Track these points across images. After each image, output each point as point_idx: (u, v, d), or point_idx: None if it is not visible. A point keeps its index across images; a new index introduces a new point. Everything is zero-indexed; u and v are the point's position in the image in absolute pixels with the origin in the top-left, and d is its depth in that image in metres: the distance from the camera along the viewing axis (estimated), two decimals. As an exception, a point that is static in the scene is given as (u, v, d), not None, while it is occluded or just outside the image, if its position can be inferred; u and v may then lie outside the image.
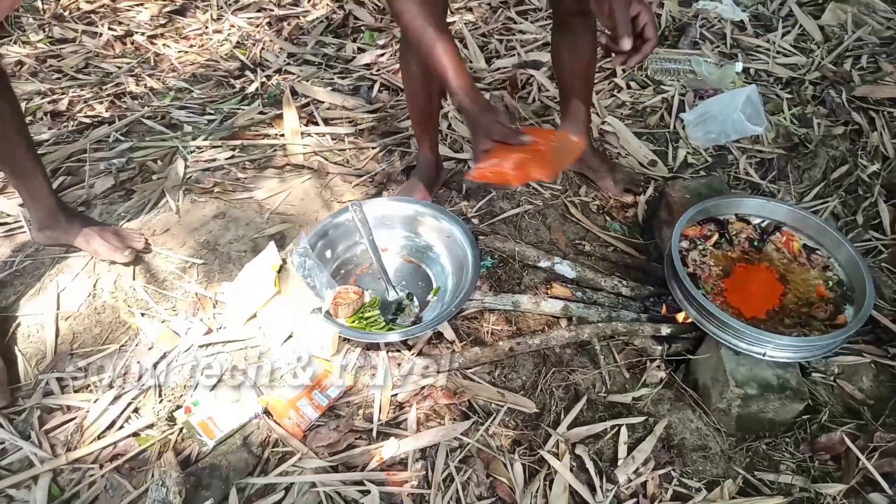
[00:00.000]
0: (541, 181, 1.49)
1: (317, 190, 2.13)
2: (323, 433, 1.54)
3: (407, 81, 1.90)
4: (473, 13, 3.20)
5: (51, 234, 1.83)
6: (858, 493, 1.51)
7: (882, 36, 2.85)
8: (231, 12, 3.30)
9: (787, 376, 1.60)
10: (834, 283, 1.76)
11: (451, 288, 1.82)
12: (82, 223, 1.85)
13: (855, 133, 2.37)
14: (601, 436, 1.61)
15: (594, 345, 1.75)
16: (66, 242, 1.84)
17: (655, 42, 1.39)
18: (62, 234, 1.83)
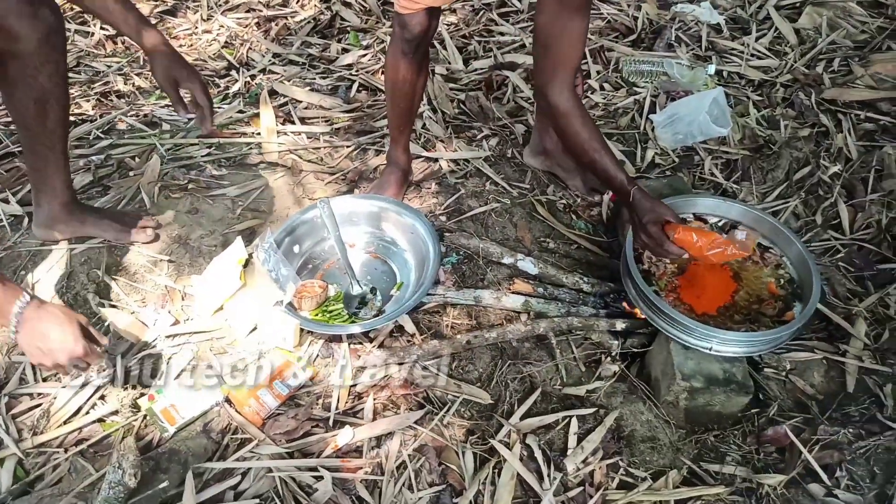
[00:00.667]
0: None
1: (289, 187, 2.18)
2: (281, 421, 1.59)
3: (392, 84, 1.91)
4: (457, 14, 3.25)
5: (64, 227, 1.88)
6: (799, 483, 1.56)
7: (856, 40, 2.89)
8: (221, 13, 3.36)
9: (734, 370, 1.65)
10: (785, 280, 1.80)
11: (413, 282, 1.87)
12: (94, 213, 1.93)
13: (821, 135, 2.42)
14: (553, 426, 1.66)
15: (550, 339, 1.80)
16: (82, 234, 1.91)
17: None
18: (78, 226, 1.89)
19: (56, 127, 1.69)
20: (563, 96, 1.61)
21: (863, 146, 2.36)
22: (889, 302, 1.89)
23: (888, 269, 1.99)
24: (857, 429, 1.64)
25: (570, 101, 1.62)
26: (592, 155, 1.65)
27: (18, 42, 1.49)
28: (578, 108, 1.64)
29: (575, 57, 1.61)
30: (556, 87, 1.61)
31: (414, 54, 1.80)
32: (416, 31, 1.74)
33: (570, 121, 1.63)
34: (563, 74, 1.60)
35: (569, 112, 1.62)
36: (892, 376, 1.73)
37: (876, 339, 1.81)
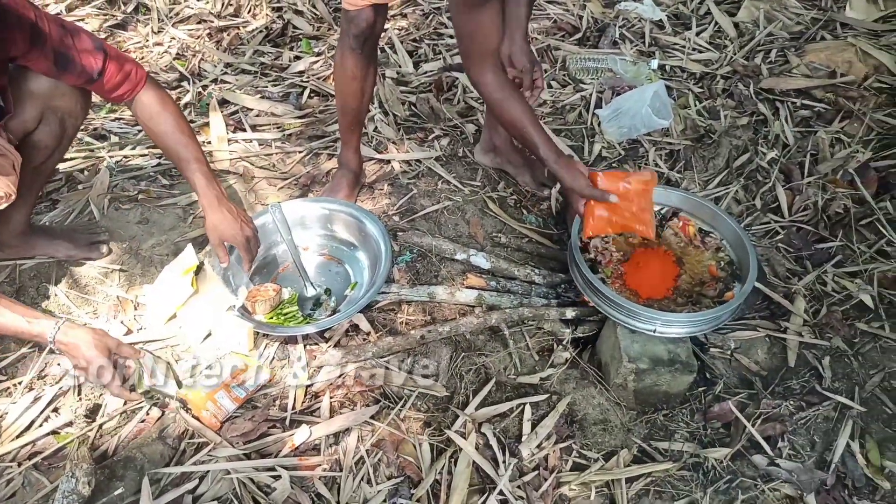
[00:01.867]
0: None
1: (241, 194, 2.20)
2: (238, 423, 1.61)
3: (341, 83, 1.95)
4: (407, 19, 3.30)
5: (13, 251, 1.88)
6: (744, 455, 1.62)
7: (791, 31, 3.00)
8: (172, 25, 3.35)
9: (678, 350, 1.71)
10: (725, 263, 1.87)
11: (366, 281, 1.90)
12: (45, 235, 1.93)
13: (759, 123, 2.51)
14: (507, 415, 1.70)
15: (503, 330, 1.85)
16: (31, 255, 1.91)
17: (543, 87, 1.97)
18: (28, 249, 1.90)
19: (44, 173, 1.77)
20: (486, 77, 1.69)
21: (799, 132, 2.45)
22: (826, 279, 1.98)
23: (825, 249, 2.08)
24: (798, 401, 1.71)
25: (495, 81, 1.69)
26: (521, 130, 1.72)
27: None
28: (504, 86, 1.70)
29: (492, 43, 1.68)
30: (478, 69, 1.69)
31: (362, 50, 1.84)
32: (363, 27, 1.78)
33: (496, 99, 1.71)
34: (483, 58, 1.68)
35: (494, 91, 1.70)
36: (829, 349, 1.81)
37: (814, 315, 1.89)
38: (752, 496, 1.52)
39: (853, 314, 1.89)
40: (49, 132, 1.66)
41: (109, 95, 1.62)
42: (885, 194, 2.19)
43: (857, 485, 1.54)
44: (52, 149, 1.71)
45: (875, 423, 1.65)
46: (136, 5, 3.44)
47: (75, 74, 1.54)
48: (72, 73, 1.54)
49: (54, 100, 1.61)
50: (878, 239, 2.05)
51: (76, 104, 1.66)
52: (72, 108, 1.66)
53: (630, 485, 1.56)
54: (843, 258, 2.04)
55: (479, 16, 1.62)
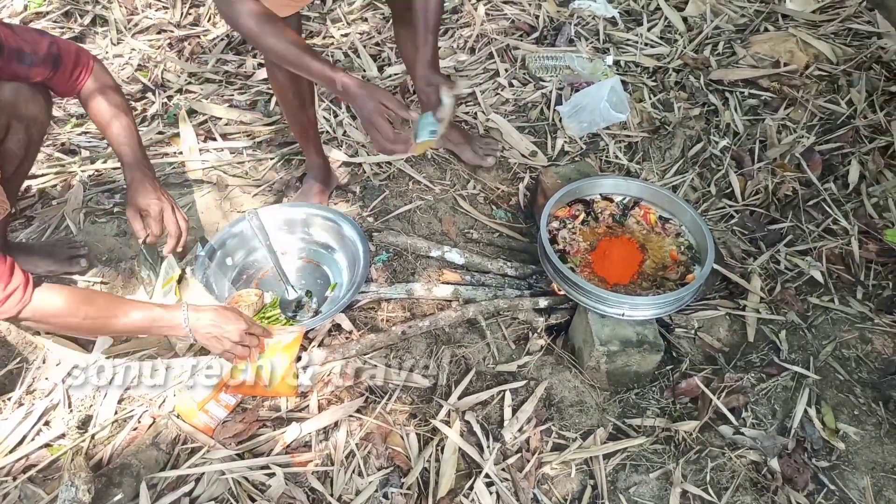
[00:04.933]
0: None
1: (216, 202, 2.23)
2: (230, 425, 1.65)
3: (278, 92, 1.99)
4: (368, 23, 3.35)
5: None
6: (711, 427, 1.73)
7: (737, 23, 3.14)
8: (131, 35, 3.34)
9: (646, 332, 1.81)
10: (685, 247, 1.98)
11: (346, 282, 1.96)
12: (23, 251, 1.93)
13: (710, 113, 2.64)
14: (488, 402, 1.78)
15: (480, 322, 1.93)
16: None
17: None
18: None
19: (15, 183, 1.77)
20: (241, 20, 1.57)
21: (748, 120, 2.59)
22: (779, 258, 2.11)
23: (777, 230, 2.21)
24: (759, 373, 1.83)
25: (251, 22, 1.57)
26: (294, 60, 1.60)
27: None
28: (263, 24, 1.58)
29: None
30: (235, 13, 1.57)
31: None
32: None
33: (259, 40, 1.60)
34: (237, 3, 1.56)
35: (252, 31, 1.58)
36: (785, 324, 1.94)
37: (770, 293, 2.02)
38: (720, 464, 1.63)
39: (805, 289, 2.02)
40: (17, 141, 1.68)
41: (71, 78, 1.62)
42: (830, 176, 2.33)
43: (815, 447, 1.67)
44: (20, 158, 1.72)
45: (829, 389, 1.78)
46: (93, 17, 3.41)
47: (40, 64, 1.55)
48: (36, 65, 1.55)
49: (18, 108, 1.63)
50: (824, 218, 2.19)
51: (40, 110, 1.68)
52: (36, 114, 1.67)
53: (607, 461, 1.66)
54: (794, 237, 2.17)
55: None
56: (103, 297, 1.57)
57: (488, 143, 2.46)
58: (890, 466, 1.62)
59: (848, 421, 1.71)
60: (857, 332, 1.89)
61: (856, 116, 2.49)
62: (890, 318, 1.91)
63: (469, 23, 3.18)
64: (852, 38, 2.88)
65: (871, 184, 2.26)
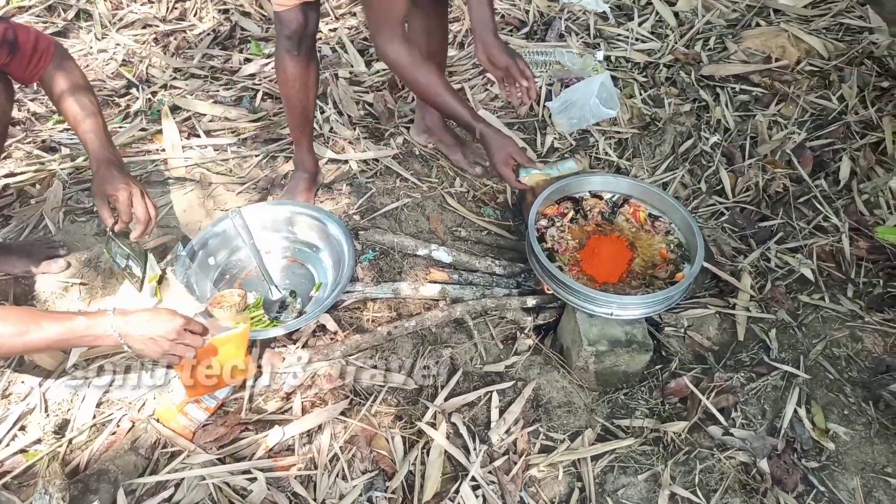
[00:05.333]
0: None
1: (199, 200, 2.19)
2: (210, 429, 1.62)
3: (284, 85, 1.97)
4: (356, 17, 3.31)
5: None
6: (700, 427, 1.71)
7: (728, 18, 3.12)
8: (116, 30, 3.29)
9: (634, 331, 1.78)
10: (675, 245, 1.96)
11: (331, 282, 1.93)
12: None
13: (701, 109, 2.61)
14: (475, 403, 1.76)
15: (467, 321, 1.90)
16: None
17: (534, 84, 1.94)
18: None
19: None
20: (391, 46, 1.69)
21: (738, 116, 2.57)
22: (769, 256, 2.09)
23: (767, 227, 2.19)
24: (748, 372, 1.81)
25: (401, 51, 1.69)
26: (435, 98, 1.75)
27: None
28: (410, 55, 1.71)
29: (398, 10, 1.67)
30: (384, 38, 1.69)
31: (298, 51, 1.85)
32: (294, 27, 1.80)
33: (404, 69, 1.73)
34: (389, 27, 1.67)
35: (400, 61, 1.71)
36: (775, 322, 1.92)
37: (760, 291, 2.00)
38: (709, 465, 1.61)
39: (796, 287, 2.00)
40: None
41: (30, 65, 1.58)
42: (820, 172, 2.32)
43: (804, 448, 1.65)
44: None
45: (819, 388, 1.76)
46: (77, 12, 3.37)
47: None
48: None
49: None
50: (815, 215, 2.17)
51: (1, 95, 1.63)
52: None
53: (595, 462, 1.64)
54: (785, 235, 2.15)
55: None
56: (18, 312, 1.41)
57: (480, 151, 2.41)
58: (880, 467, 1.60)
59: (838, 421, 1.70)
60: (848, 330, 1.87)
61: (847, 112, 2.47)
62: (880, 317, 1.90)
63: (459, 17, 3.14)
64: (844, 33, 2.86)
65: (862, 180, 2.24)
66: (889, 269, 1.99)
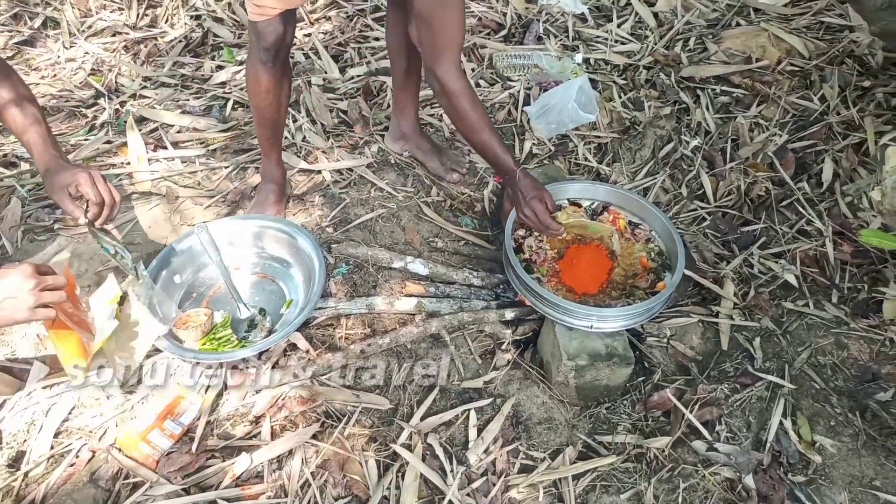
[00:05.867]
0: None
1: (165, 216, 2.12)
2: (174, 458, 1.55)
3: (255, 97, 1.90)
4: (332, 22, 3.24)
5: None
6: (684, 442, 1.66)
7: (708, 18, 3.08)
8: (84, 39, 3.21)
9: (615, 344, 1.73)
10: (655, 253, 1.91)
11: (302, 298, 1.86)
12: None
13: (682, 111, 2.57)
14: (453, 422, 1.70)
15: (444, 336, 1.84)
16: None
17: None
18: None
19: None
20: (451, 76, 1.69)
21: (719, 118, 2.52)
22: (752, 262, 2.04)
23: (750, 231, 2.15)
24: (733, 383, 1.76)
25: (460, 81, 1.71)
26: (481, 135, 1.76)
27: None
28: (467, 87, 1.72)
29: (458, 35, 1.68)
30: (444, 66, 1.69)
31: (273, 63, 1.79)
32: (272, 39, 1.73)
33: (459, 101, 1.72)
34: (450, 54, 1.68)
35: (458, 92, 1.71)
36: (759, 330, 1.87)
37: (743, 298, 1.95)
38: (693, 483, 1.56)
39: (779, 294, 1.96)
40: None
41: None
42: (803, 174, 2.28)
43: (791, 461, 1.60)
44: None
45: (805, 399, 1.72)
46: (43, 20, 3.28)
47: None
48: None
49: None
50: (798, 219, 2.13)
51: None
52: None
53: (577, 482, 1.58)
54: (768, 239, 2.11)
55: (453, 4, 1.62)
56: None
57: (456, 157, 2.37)
58: (868, 480, 1.56)
59: (824, 432, 1.65)
60: (833, 337, 1.83)
61: (829, 113, 2.43)
62: (866, 323, 1.85)
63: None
64: (824, 32, 2.83)
65: (845, 182, 2.21)
66: (874, 274, 1.95)
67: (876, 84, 2.50)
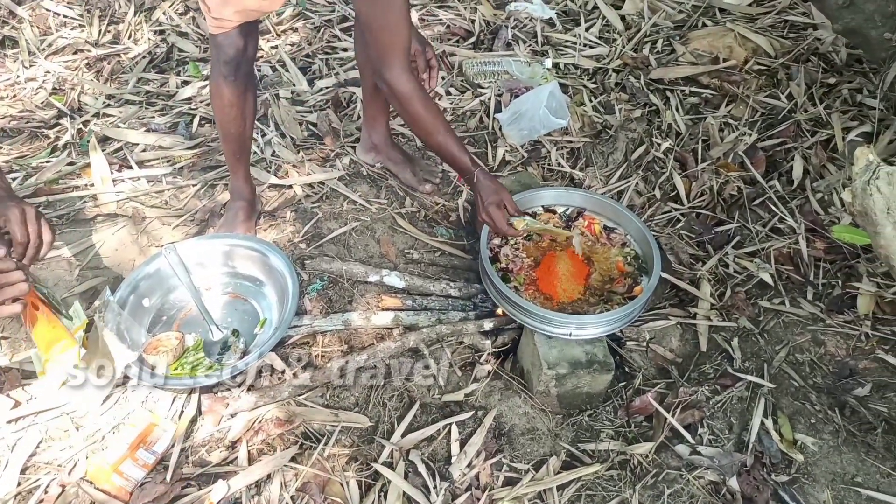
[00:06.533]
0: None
1: (132, 237, 2.06)
2: (148, 488, 1.50)
3: (219, 112, 1.88)
4: (298, 33, 3.21)
5: None
6: (667, 446, 1.65)
7: (675, 20, 3.10)
8: (45, 57, 3.13)
9: (595, 351, 1.72)
10: (631, 257, 1.91)
11: (276, 317, 1.82)
12: None
13: (652, 113, 2.58)
14: (434, 437, 1.67)
15: (423, 350, 1.81)
16: None
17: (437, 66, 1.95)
18: None
19: None
20: (400, 79, 1.64)
21: (690, 119, 2.54)
22: (728, 261, 2.05)
23: (724, 231, 2.15)
24: (713, 385, 1.76)
25: (409, 84, 1.66)
26: (437, 137, 1.72)
27: None
28: (417, 90, 1.67)
29: (402, 38, 1.63)
30: (391, 71, 1.64)
31: (235, 77, 1.76)
32: (232, 53, 1.71)
33: (410, 104, 1.68)
34: (394, 58, 1.63)
35: (408, 95, 1.66)
36: (737, 330, 1.87)
37: (720, 298, 1.95)
38: (678, 489, 1.55)
39: (755, 293, 1.96)
40: None
41: None
42: (774, 173, 2.29)
43: (773, 461, 1.60)
44: None
45: (785, 397, 1.72)
46: (1, 39, 3.20)
47: None
48: None
49: None
50: (771, 217, 2.14)
51: None
52: None
53: (562, 492, 1.56)
54: (742, 238, 2.12)
55: (389, 4, 1.57)
56: None
57: (429, 167, 2.34)
58: (849, 477, 1.56)
59: (805, 430, 1.65)
60: (810, 334, 1.84)
61: (796, 110, 2.46)
62: (841, 318, 1.86)
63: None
64: (789, 31, 2.86)
65: (815, 179, 2.23)
66: (847, 269, 1.97)
67: (841, 81, 2.54)
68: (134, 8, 3.34)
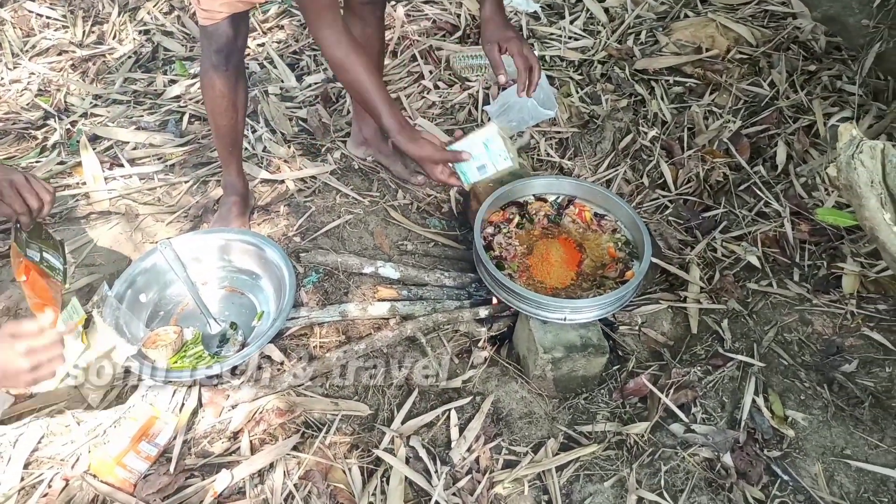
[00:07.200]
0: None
1: (126, 234, 2.07)
2: (152, 480, 1.51)
3: (211, 104, 1.88)
4: (284, 30, 3.21)
5: None
6: (662, 426, 1.68)
7: (657, 11, 3.15)
8: (29, 59, 3.12)
9: (589, 334, 1.75)
10: (622, 243, 1.94)
11: (273, 310, 1.83)
12: None
13: (638, 103, 2.62)
14: (434, 423, 1.69)
15: (419, 339, 1.83)
16: None
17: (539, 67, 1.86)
18: None
19: None
20: (323, 32, 1.54)
21: (675, 108, 2.58)
22: (716, 245, 2.09)
23: (711, 216, 2.20)
24: (705, 365, 1.80)
25: (332, 37, 1.55)
26: (363, 95, 1.60)
27: None
28: (342, 43, 1.55)
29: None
30: (316, 26, 1.54)
31: (226, 67, 1.77)
32: (223, 41, 1.72)
33: (338, 62, 1.57)
34: (316, 13, 1.54)
35: (332, 48, 1.55)
36: (726, 312, 1.92)
37: (709, 282, 1.99)
38: (674, 465, 1.58)
39: (743, 275, 2.01)
40: None
41: None
42: (758, 159, 2.34)
43: (765, 437, 1.64)
44: None
45: (775, 375, 1.76)
46: (-17, 42, 3.17)
47: None
48: None
49: None
50: (756, 202, 2.19)
51: None
52: None
53: (560, 473, 1.59)
54: (729, 223, 2.16)
55: None
56: None
57: None
58: (839, 450, 1.61)
59: (795, 407, 1.70)
60: (797, 314, 1.88)
61: (778, 98, 2.51)
62: (827, 298, 1.91)
63: (389, 25, 3.08)
64: (769, 20, 2.92)
65: (799, 164, 2.28)
66: (831, 250, 2.02)
67: (821, 68, 2.59)
68: (118, 8, 3.33)
